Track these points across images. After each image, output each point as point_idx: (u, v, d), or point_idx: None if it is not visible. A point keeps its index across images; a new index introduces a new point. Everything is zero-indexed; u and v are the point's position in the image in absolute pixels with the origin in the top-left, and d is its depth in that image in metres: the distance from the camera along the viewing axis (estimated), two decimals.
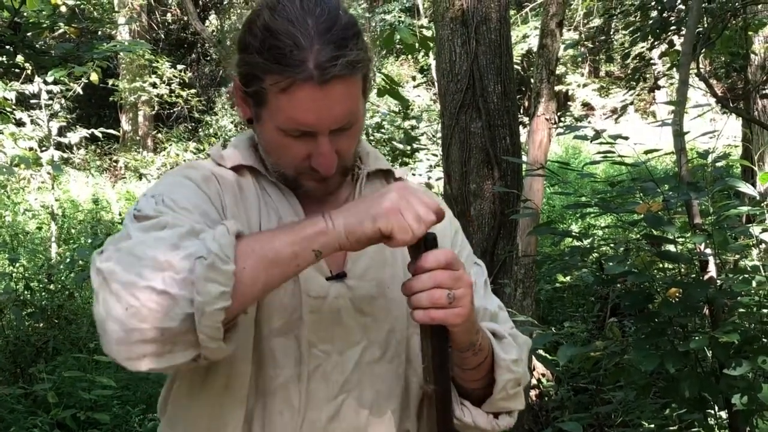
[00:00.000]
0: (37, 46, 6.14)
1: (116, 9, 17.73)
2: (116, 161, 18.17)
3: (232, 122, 18.39)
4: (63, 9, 6.65)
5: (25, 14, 5.54)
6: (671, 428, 3.80)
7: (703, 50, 6.21)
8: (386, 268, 1.53)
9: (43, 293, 7.41)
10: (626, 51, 9.49)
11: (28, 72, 8.50)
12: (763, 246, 3.43)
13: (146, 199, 1.39)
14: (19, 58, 6.14)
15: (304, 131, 1.39)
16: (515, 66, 14.67)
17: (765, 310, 3.39)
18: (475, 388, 1.53)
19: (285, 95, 1.36)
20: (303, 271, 1.36)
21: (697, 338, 3.05)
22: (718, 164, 3.40)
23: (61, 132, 10.53)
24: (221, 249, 1.19)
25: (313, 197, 1.52)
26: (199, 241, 1.21)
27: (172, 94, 17.91)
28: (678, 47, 6.84)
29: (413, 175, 9.41)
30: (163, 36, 20.43)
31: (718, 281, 3.37)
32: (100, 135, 10.50)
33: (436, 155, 9.47)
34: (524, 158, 5.40)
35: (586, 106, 22.00)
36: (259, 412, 1.44)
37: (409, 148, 9.34)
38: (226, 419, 1.43)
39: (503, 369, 1.51)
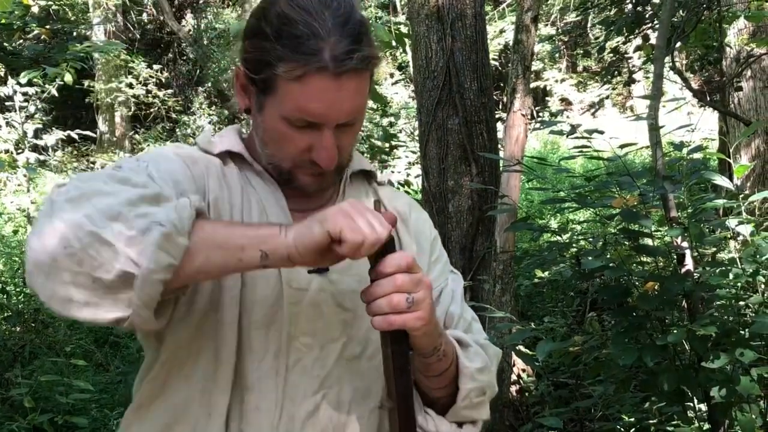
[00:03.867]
0: (8, 47, 6.08)
1: (90, 9, 17.59)
2: (93, 162, 18.01)
3: (209, 122, 18.30)
4: (35, 10, 6.59)
5: None
6: (651, 421, 3.80)
7: (678, 44, 6.23)
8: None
9: (20, 297, 7.34)
10: (601, 45, 9.50)
11: (1, 74, 8.41)
12: (740, 238, 3.43)
13: (131, 161, 1.39)
14: None
15: (310, 122, 1.39)
16: (493, 62, 14.71)
17: (742, 303, 3.40)
18: (440, 397, 1.52)
19: (297, 84, 1.35)
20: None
21: (675, 331, 3.05)
22: (695, 156, 3.40)
23: (37, 134, 10.41)
24: (180, 221, 1.17)
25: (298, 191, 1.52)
26: (159, 207, 1.19)
27: (149, 95, 17.81)
28: (653, 41, 6.86)
29: (392, 172, 9.39)
30: (138, 36, 20.26)
31: (695, 274, 3.37)
32: (76, 136, 10.39)
33: (415, 152, 9.45)
34: (501, 154, 5.39)
35: (564, 101, 22.08)
36: (237, 406, 1.42)
37: (387, 145, 9.31)
38: (212, 407, 1.41)
39: (467, 377, 1.49)
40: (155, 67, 17.81)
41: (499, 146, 5.79)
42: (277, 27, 1.36)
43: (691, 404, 3.47)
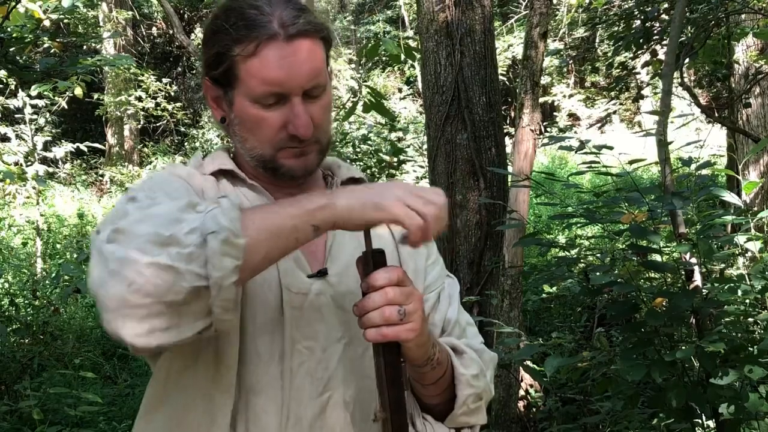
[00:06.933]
0: (20, 61, 6.12)
1: (101, 23, 17.70)
2: (102, 175, 18.11)
3: (218, 136, 18.35)
4: (47, 23, 6.63)
5: (8, 29, 5.52)
6: None
7: (687, 60, 6.24)
8: None
9: (29, 309, 7.36)
10: (609, 60, 9.52)
11: (12, 87, 8.46)
12: (748, 255, 3.43)
13: (138, 192, 1.38)
14: (2, 73, 6.12)
15: (276, 95, 1.44)
16: (501, 77, 14.74)
17: (750, 319, 3.39)
18: (436, 404, 1.54)
19: (255, 59, 1.42)
20: (284, 267, 1.43)
21: (683, 348, 3.05)
22: (703, 172, 3.41)
23: (47, 146, 10.50)
24: (232, 223, 1.18)
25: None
26: (200, 214, 1.20)
27: (158, 108, 17.88)
28: (661, 56, 6.87)
29: None
30: (148, 49, 20.40)
31: (703, 290, 3.37)
32: (85, 149, 10.47)
33: (423, 167, 9.48)
34: (510, 169, 5.40)
35: (572, 116, 22.09)
36: (243, 409, 1.43)
37: (395, 159, 9.34)
38: (215, 412, 1.42)
39: (463, 384, 1.52)
40: (164, 80, 17.90)
41: (508, 161, 5.80)
42: (225, 18, 1.45)
43: (700, 421, 3.46)
